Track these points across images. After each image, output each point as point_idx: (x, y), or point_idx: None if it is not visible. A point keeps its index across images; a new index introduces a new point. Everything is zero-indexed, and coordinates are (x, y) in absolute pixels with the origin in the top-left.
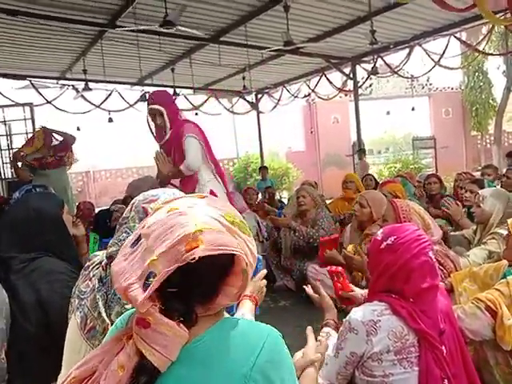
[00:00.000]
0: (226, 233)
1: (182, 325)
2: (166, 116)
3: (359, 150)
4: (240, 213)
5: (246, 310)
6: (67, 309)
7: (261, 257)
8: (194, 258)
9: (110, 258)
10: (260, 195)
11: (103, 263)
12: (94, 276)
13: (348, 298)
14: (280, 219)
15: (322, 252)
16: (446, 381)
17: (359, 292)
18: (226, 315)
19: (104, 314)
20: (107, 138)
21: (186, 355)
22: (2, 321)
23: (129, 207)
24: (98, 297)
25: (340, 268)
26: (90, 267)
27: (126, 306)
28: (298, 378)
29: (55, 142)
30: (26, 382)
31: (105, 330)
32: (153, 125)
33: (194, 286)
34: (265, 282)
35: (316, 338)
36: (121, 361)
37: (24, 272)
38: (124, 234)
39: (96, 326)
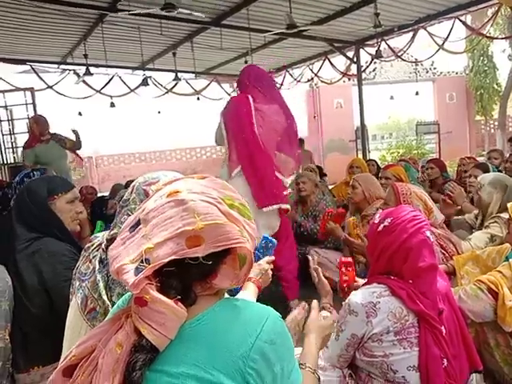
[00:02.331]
0: (227, 222)
1: (180, 303)
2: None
3: (299, 140)
4: None
5: (248, 293)
6: (69, 291)
7: (275, 241)
8: (197, 258)
9: (111, 240)
10: None
11: (103, 245)
12: (94, 258)
13: (351, 290)
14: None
15: (324, 223)
16: (445, 360)
17: (362, 282)
18: (227, 296)
19: (104, 296)
20: (109, 123)
21: (184, 334)
22: (6, 303)
23: (129, 189)
24: (98, 278)
25: (350, 259)
26: (91, 249)
27: (127, 288)
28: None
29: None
30: (29, 362)
31: (105, 312)
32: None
33: (191, 266)
34: (270, 265)
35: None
36: (119, 339)
37: (27, 252)
38: (125, 217)
39: (97, 307)
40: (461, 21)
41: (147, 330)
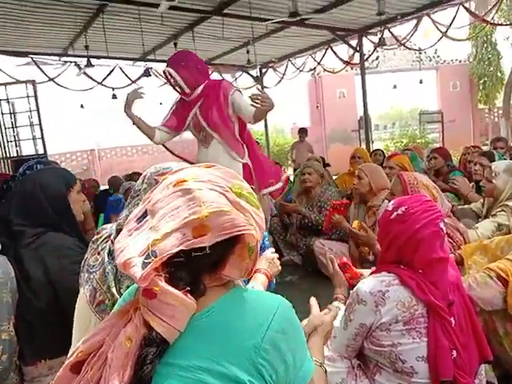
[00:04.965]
0: (233, 210)
1: (189, 295)
2: (177, 77)
3: (300, 129)
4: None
5: (257, 282)
6: (77, 285)
7: (266, 233)
8: (204, 249)
9: (120, 231)
10: None
11: (112, 237)
12: (102, 250)
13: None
14: (290, 205)
15: (330, 215)
16: (454, 351)
17: (368, 273)
18: (237, 285)
19: (113, 289)
20: (111, 115)
21: (194, 326)
22: (8, 294)
23: (140, 179)
24: (107, 270)
25: (344, 259)
26: (99, 240)
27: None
28: None
29: None
30: (36, 354)
31: (114, 304)
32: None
33: (199, 256)
34: (275, 254)
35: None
36: (128, 333)
37: (31, 247)
38: (136, 207)
39: (105, 300)
40: (465, 7)
41: (157, 322)
